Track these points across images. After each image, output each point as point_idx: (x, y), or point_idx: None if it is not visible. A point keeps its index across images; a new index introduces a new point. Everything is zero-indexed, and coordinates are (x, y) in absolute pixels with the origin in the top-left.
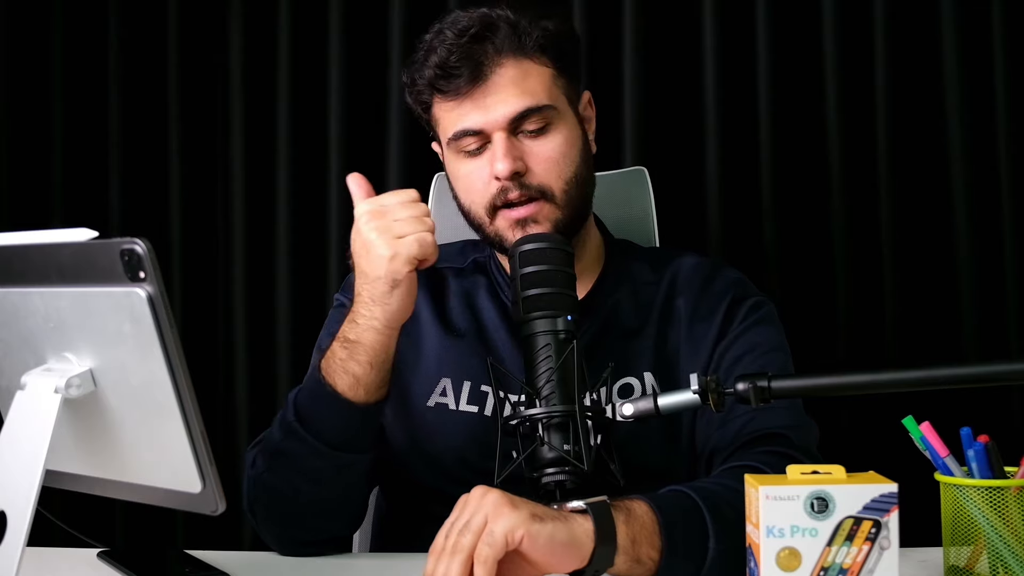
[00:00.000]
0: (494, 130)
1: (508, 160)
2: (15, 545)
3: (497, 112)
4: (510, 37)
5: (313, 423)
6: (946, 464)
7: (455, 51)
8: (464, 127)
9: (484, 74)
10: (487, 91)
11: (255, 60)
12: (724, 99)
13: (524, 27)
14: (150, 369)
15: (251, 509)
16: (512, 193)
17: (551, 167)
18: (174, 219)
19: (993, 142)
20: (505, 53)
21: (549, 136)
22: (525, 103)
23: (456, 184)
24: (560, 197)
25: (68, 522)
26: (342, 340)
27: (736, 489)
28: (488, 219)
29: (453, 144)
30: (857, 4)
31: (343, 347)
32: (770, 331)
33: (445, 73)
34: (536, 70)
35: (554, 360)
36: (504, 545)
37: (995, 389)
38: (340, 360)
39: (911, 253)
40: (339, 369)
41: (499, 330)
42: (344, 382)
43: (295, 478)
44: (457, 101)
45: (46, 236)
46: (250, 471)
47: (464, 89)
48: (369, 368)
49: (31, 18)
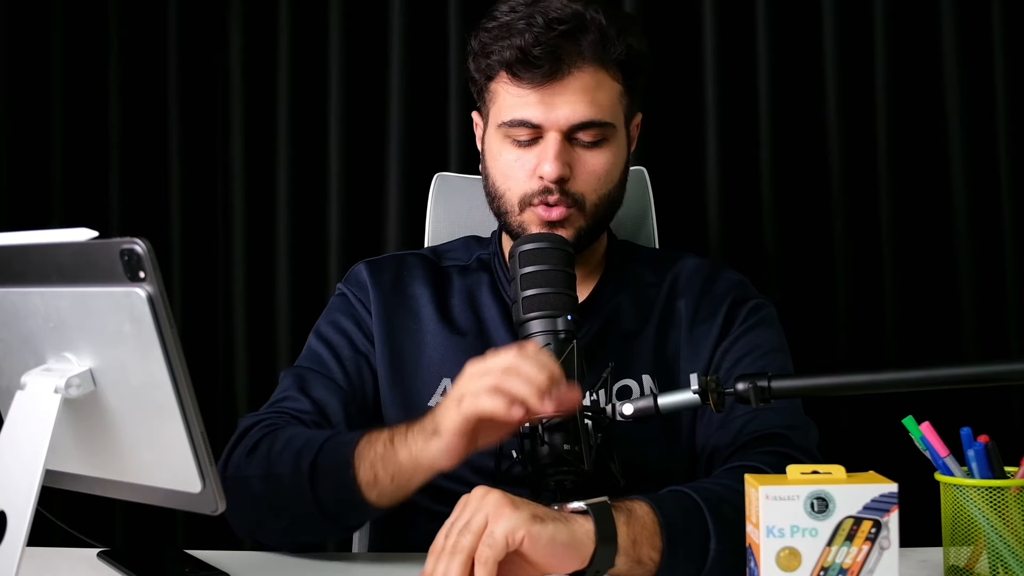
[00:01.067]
0: (552, 129)
1: (558, 164)
2: (15, 545)
3: (561, 114)
4: (597, 44)
5: (319, 485)
6: (946, 464)
7: (542, 42)
8: (524, 117)
9: (562, 72)
10: (559, 90)
11: (255, 60)
12: (724, 99)
13: (612, 37)
14: (150, 369)
15: (230, 510)
16: (552, 196)
17: (593, 180)
18: (174, 219)
19: (993, 142)
20: (589, 58)
21: (601, 151)
22: (591, 114)
23: (493, 165)
24: (591, 209)
25: (68, 522)
26: (392, 435)
27: (736, 489)
28: (518, 210)
29: (504, 128)
30: (857, 4)
31: (385, 444)
32: (770, 333)
33: (525, 59)
34: (609, 83)
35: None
36: (505, 546)
37: (995, 389)
38: (377, 452)
39: (911, 253)
40: (370, 458)
41: (500, 329)
42: (366, 475)
43: (283, 511)
44: (527, 90)
45: (46, 236)
46: (238, 467)
47: (539, 81)
48: (389, 481)
49: (31, 18)
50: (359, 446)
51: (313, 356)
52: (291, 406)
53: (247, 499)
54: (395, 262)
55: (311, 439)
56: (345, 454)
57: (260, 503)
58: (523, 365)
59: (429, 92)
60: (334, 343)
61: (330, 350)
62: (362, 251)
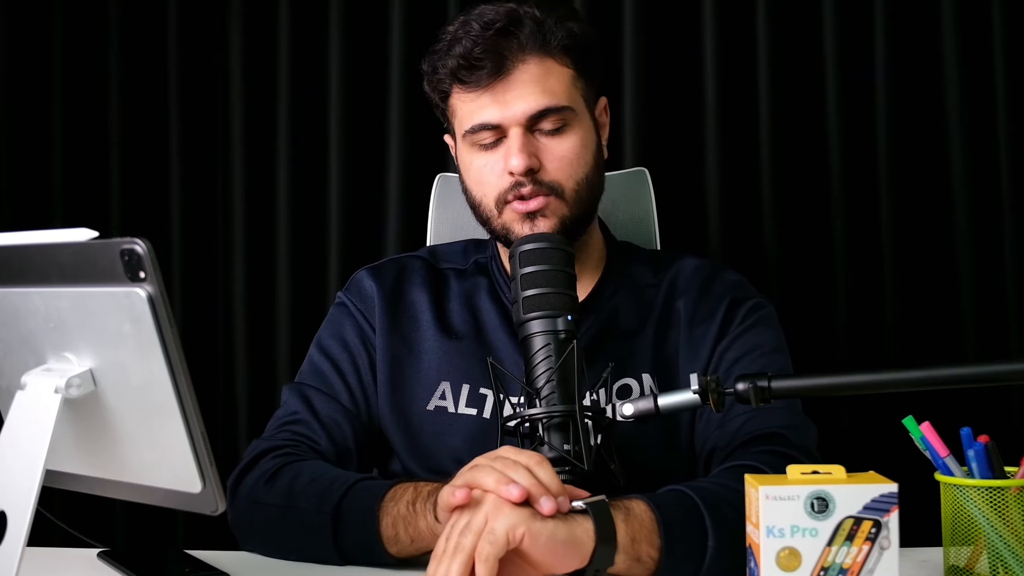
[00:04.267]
0: (511, 125)
1: (524, 156)
2: (15, 545)
3: (516, 108)
4: (535, 34)
5: (341, 531)
6: (946, 464)
7: (480, 43)
8: (482, 120)
9: (507, 68)
10: (508, 86)
11: (255, 60)
12: (724, 99)
13: (550, 26)
14: (150, 369)
15: (236, 525)
16: (524, 189)
17: (564, 166)
18: (174, 219)
19: (993, 142)
20: (529, 50)
21: (565, 136)
22: (545, 102)
23: (468, 176)
24: (570, 195)
25: (68, 522)
26: (415, 497)
27: (735, 488)
28: (497, 212)
29: (469, 136)
30: (857, 4)
31: (408, 506)
32: (770, 332)
33: (468, 64)
34: (558, 70)
35: (554, 360)
36: (505, 543)
37: (995, 389)
38: (400, 513)
39: (911, 253)
40: (393, 515)
41: (499, 331)
42: (388, 531)
43: (298, 543)
44: (477, 93)
45: (46, 236)
46: (254, 491)
47: (485, 82)
48: (410, 542)
49: (31, 18)
50: (384, 500)
51: (317, 373)
52: (304, 432)
53: (261, 522)
54: (395, 267)
55: (337, 480)
56: (371, 505)
57: (275, 530)
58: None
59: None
60: (338, 360)
61: (335, 368)
62: (362, 251)
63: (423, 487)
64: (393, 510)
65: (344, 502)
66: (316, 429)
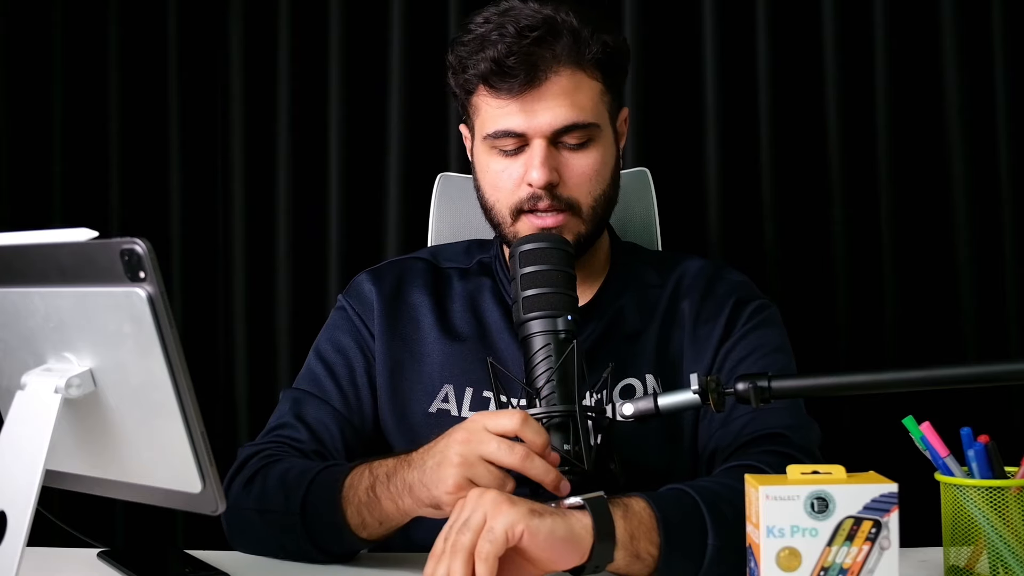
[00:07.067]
0: (536, 136)
1: (545, 170)
2: (15, 545)
3: (543, 120)
4: (571, 46)
5: (310, 524)
6: (946, 464)
7: (515, 52)
8: (507, 127)
9: (539, 79)
10: (538, 97)
11: (255, 60)
12: (724, 99)
13: (585, 38)
14: (150, 369)
15: (228, 533)
16: (542, 203)
17: (583, 182)
18: (174, 219)
19: (993, 142)
20: (564, 62)
21: (588, 152)
22: (573, 117)
23: (483, 178)
24: (587, 212)
25: (68, 522)
26: (373, 482)
27: (735, 488)
28: (511, 220)
29: (490, 139)
30: (857, 4)
31: (368, 491)
32: (773, 333)
33: (500, 71)
34: (588, 84)
35: (554, 360)
36: (505, 541)
37: (995, 389)
38: (361, 499)
39: (911, 253)
40: (355, 503)
41: (502, 333)
42: (354, 518)
43: (281, 542)
44: (505, 100)
45: (46, 236)
46: (236, 497)
47: (516, 90)
48: (378, 525)
49: (31, 18)
50: (345, 490)
51: (311, 378)
52: (288, 435)
53: (246, 527)
54: (395, 269)
55: (301, 475)
56: (333, 496)
57: (259, 534)
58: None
59: (430, 92)
60: (332, 364)
61: (328, 371)
62: (362, 251)
63: (378, 469)
64: (354, 498)
65: (308, 498)
66: (301, 432)
